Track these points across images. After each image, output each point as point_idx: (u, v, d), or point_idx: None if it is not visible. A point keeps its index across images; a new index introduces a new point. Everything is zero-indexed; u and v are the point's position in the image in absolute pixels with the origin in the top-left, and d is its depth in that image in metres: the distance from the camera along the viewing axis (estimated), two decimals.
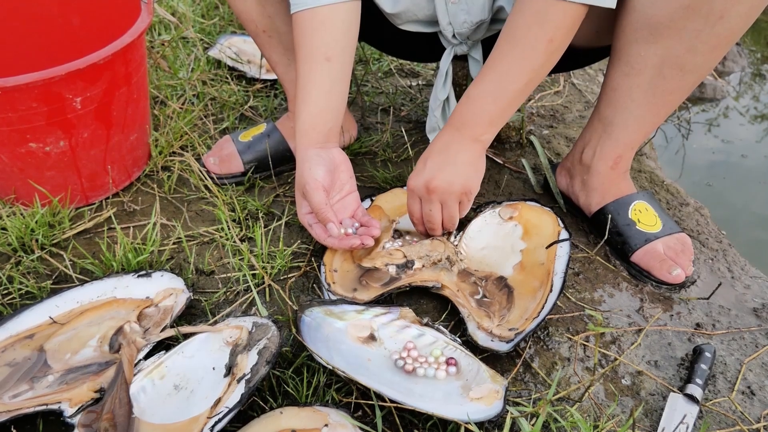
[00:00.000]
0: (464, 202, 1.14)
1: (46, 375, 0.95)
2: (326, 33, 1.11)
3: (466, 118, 1.08)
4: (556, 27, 1.00)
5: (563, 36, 1.02)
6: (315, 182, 1.11)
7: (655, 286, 1.18)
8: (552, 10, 0.99)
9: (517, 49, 1.02)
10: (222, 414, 0.83)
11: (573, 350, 1.05)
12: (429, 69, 1.96)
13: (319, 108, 1.14)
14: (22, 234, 1.20)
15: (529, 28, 1.00)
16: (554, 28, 1.00)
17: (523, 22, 1.01)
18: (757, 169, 2.03)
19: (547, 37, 1.00)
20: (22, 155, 1.18)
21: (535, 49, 1.01)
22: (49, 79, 1.09)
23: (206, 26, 2.05)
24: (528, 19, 1.00)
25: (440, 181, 1.09)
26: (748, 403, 0.98)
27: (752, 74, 2.65)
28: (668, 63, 1.05)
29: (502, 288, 1.12)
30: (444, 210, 1.13)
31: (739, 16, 0.98)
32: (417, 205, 1.14)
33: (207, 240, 1.25)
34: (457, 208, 1.14)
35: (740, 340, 1.09)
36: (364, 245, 1.12)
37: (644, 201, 1.23)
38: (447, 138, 1.10)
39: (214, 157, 1.39)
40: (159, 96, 1.65)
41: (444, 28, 1.23)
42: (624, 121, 1.16)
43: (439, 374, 0.95)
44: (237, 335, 0.97)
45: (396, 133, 1.59)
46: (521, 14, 1.01)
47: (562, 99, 1.85)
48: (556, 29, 1.00)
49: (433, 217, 1.13)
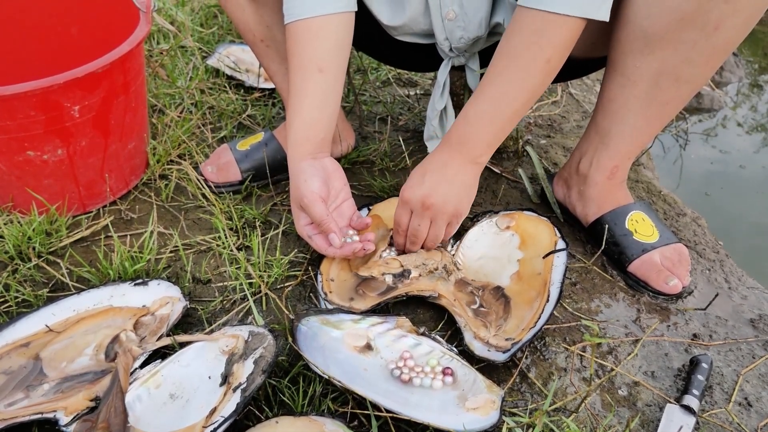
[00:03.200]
0: (453, 223, 1.14)
1: (42, 383, 0.95)
2: (319, 44, 1.11)
3: (465, 138, 1.08)
4: (554, 46, 0.99)
5: (561, 55, 1.01)
6: (312, 194, 1.11)
7: (652, 296, 1.18)
8: (550, 27, 0.98)
9: (515, 69, 1.02)
10: (217, 423, 0.83)
11: (569, 360, 1.05)
12: (427, 78, 1.96)
13: (312, 119, 1.13)
14: (19, 242, 1.20)
15: (528, 47, 1.00)
16: (552, 47, 0.99)
17: (521, 41, 1.00)
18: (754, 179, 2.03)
19: (545, 57, 1.00)
20: (20, 163, 1.18)
21: (533, 69, 1.01)
22: (47, 87, 1.09)
23: (205, 35, 2.06)
24: (526, 38, 1.00)
25: (436, 199, 1.08)
26: (744, 415, 0.98)
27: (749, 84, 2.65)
28: (664, 74, 1.06)
29: (498, 298, 1.12)
30: (432, 228, 1.12)
31: (735, 28, 0.98)
32: (406, 217, 1.13)
33: (204, 248, 1.25)
34: (443, 229, 1.13)
35: (737, 351, 1.09)
36: (365, 250, 1.12)
37: (641, 211, 1.23)
38: (446, 156, 1.10)
39: (212, 165, 1.39)
40: (157, 104, 1.65)
41: (441, 42, 1.23)
42: (621, 132, 1.17)
43: (435, 384, 0.95)
44: (233, 344, 0.97)
45: (394, 143, 1.59)
46: (519, 33, 1.01)
47: (559, 109, 1.86)
48: (554, 48, 1.00)
49: (420, 232, 1.12)
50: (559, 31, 0.98)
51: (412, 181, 1.12)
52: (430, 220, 1.11)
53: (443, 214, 1.10)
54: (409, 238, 1.15)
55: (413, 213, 1.12)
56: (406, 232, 1.14)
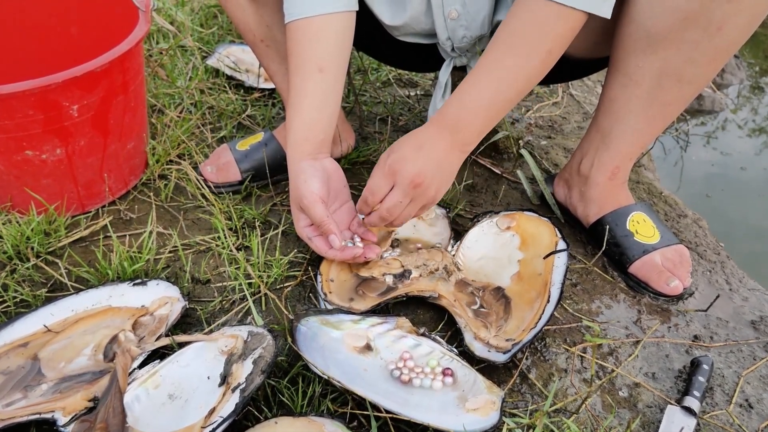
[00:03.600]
0: (425, 209, 1.09)
1: (40, 383, 0.95)
2: (319, 44, 1.10)
3: (460, 124, 1.04)
4: (555, 37, 0.99)
5: (561, 47, 1.01)
6: (312, 195, 1.10)
7: (653, 297, 1.17)
8: (553, 19, 0.97)
9: (515, 57, 1.01)
10: (216, 424, 0.82)
11: (570, 361, 1.05)
12: (427, 79, 1.96)
13: (312, 119, 1.12)
14: (17, 242, 1.19)
15: (529, 36, 0.99)
16: (554, 38, 0.99)
17: (523, 30, 0.99)
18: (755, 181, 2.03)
19: (547, 48, 0.99)
20: (19, 163, 1.18)
21: (533, 58, 1.00)
22: (46, 86, 1.09)
23: (205, 35, 2.06)
24: (528, 27, 0.99)
25: (425, 179, 1.03)
26: (745, 416, 0.98)
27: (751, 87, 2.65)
28: (667, 74, 1.05)
29: (499, 298, 1.11)
30: (408, 207, 1.06)
31: (738, 28, 0.98)
32: (386, 188, 1.05)
33: (203, 249, 1.25)
34: (416, 211, 1.08)
35: (738, 352, 1.09)
36: (366, 257, 1.11)
37: (642, 212, 1.23)
38: (438, 136, 1.05)
39: (212, 165, 1.39)
40: (157, 104, 1.65)
41: (443, 42, 1.23)
42: (622, 132, 1.16)
43: (435, 385, 0.95)
44: (232, 344, 0.97)
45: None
46: (521, 21, 1.00)
47: (560, 110, 1.85)
48: (556, 40, 0.99)
49: (398, 209, 1.06)
50: (562, 23, 0.98)
51: (402, 151, 1.04)
52: (411, 198, 1.05)
53: (425, 197, 1.05)
54: (384, 210, 1.07)
55: (396, 186, 1.05)
56: (377, 201, 1.07)
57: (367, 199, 1.08)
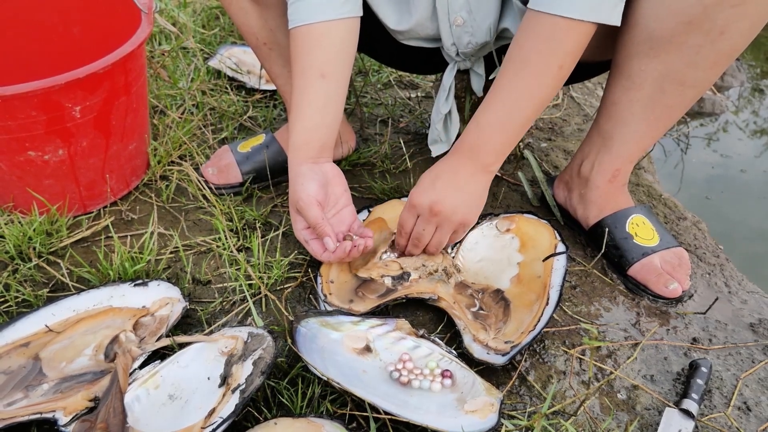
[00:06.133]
0: (459, 232, 1.13)
1: (41, 383, 0.95)
2: (322, 49, 1.11)
3: (477, 146, 1.06)
4: (566, 52, 0.98)
5: (572, 60, 1.00)
6: (308, 197, 1.10)
7: (652, 300, 1.18)
8: (562, 33, 0.97)
9: (527, 76, 1.01)
10: (216, 424, 0.83)
11: (569, 364, 1.05)
12: (428, 81, 1.96)
13: (313, 124, 1.13)
14: (19, 242, 1.20)
15: (539, 53, 0.99)
16: (564, 52, 0.99)
17: (532, 47, 0.99)
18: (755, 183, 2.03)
19: (558, 63, 0.99)
20: (21, 163, 1.18)
21: (545, 75, 1.00)
22: (48, 87, 1.09)
23: (206, 36, 2.06)
24: (537, 44, 0.99)
25: (446, 206, 1.08)
26: (744, 419, 0.98)
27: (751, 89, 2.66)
28: (668, 78, 1.06)
29: (498, 301, 1.12)
30: (436, 234, 1.12)
31: (740, 33, 0.98)
32: (412, 220, 1.13)
33: (204, 250, 1.25)
34: (448, 236, 1.12)
35: (737, 355, 1.09)
36: (355, 246, 1.11)
37: (642, 215, 1.23)
38: (457, 163, 1.08)
39: (213, 167, 1.39)
40: (158, 105, 1.66)
41: (448, 48, 1.23)
42: (623, 135, 1.16)
43: (434, 386, 0.95)
44: (232, 345, 0.97)
45: (394, 145, 1.59)
46: (530, 38, 1.00)
47: (560, 112, 1.86)
48: (566, 54, 0.99)
49: (424, 237, 1.12)
50: (571, 36, 0.97)
51: (422, 185, 1.11)
52: (435, 226, 1.11)
53: (451, 222, 1.10)
54: (412, 241, 1.14)
55: (420, 217, 1.11)
56: (409, 235, 1.14)
57: (400, 232, 1.16)
